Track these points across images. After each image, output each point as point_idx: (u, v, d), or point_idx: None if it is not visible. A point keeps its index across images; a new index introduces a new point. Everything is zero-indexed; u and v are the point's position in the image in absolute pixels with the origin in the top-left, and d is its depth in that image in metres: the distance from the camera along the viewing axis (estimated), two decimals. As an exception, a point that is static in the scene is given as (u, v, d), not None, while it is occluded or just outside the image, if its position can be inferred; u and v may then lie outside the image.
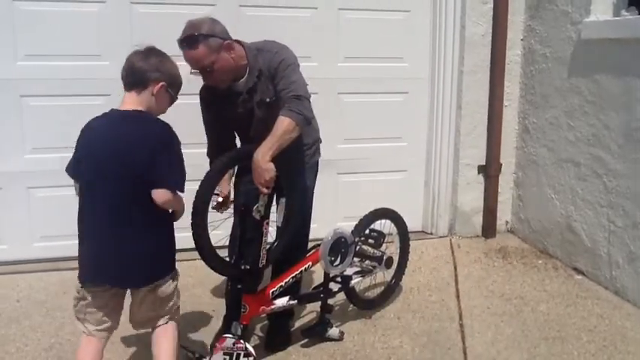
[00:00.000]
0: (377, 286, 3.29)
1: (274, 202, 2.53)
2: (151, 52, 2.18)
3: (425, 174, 4.41)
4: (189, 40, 2.37)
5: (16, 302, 3.29)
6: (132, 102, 2.19)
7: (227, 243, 2.62)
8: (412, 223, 4.22)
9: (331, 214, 3.96)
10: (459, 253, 4.09)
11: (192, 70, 2.43)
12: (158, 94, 2.16)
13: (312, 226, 2.92)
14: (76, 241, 3.72)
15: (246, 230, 2.42)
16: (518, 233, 4.38)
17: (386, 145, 4.29)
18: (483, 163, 4.30)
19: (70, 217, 3.72)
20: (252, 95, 2.54)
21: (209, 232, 2.27)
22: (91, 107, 3.65)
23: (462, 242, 4.28)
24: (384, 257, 3.02)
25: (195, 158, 2.53)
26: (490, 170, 4.29)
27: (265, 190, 2.32)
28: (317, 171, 2.85)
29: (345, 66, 4.05)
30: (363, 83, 4.11)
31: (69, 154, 3.67)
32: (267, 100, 2.53)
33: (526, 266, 3.87)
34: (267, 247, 2.48)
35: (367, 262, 3.00)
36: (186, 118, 2.61)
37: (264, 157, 2.28)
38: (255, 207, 2.37)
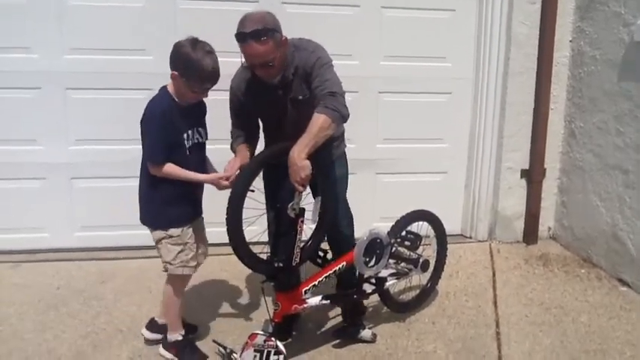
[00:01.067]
0: (412, 289, 3.24)
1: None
2: (182, 42, 2.41)
3: (465, 176, 4.32)
4: (258, 33, 2.33)
5: (56, 289, 3.36)
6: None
7: (262, 239, 2.61)
8: (451, 226, 4.16)
9: (368, 214, 3.90)
10: (498, 258, 3.99)
11: (246, 63, 2.43)
12: (173, 80, 2.45)
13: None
14: (115, 232, 3.84)
15: (281, 227, 2.40)
16: (561, 240, 4.25)
17: (426, 145, 4.22)
18: (526, 167, 4.18)
19: (110, 207, 3.84)
20: (287, 92, 2.53)
21: (243, 227, 2.26)
22: (133, 101, 3.70)
23: (501, 247, 4.17)
24: (421, 260, 2.96)
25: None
26: (533, 175, 4.17)
27: (301, 188, 2.30)
28: (346, 160, 2.81)
29: (387, 65, 4.00)
30: (405, 83, 4.05)
31: (111, 147, 3.79)
32: (300, 97, 2.52)
33: (568, 275, 3.74)
34: (302, 245, 2.45)
35: (403, 264, 2.94)
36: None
37: (300, 155, 2.25)
38: (290, 205, 2.35)
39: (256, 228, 2.49)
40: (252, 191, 2.31)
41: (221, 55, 3.64)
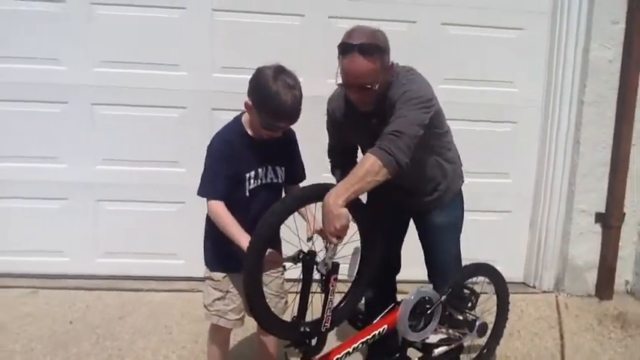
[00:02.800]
0: (465, 353, 2.78)
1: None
2: (265, 68, 2.10)
3: (531, 217, 3.81)
4: (368, 48, 2.04)
5: (69, 324, 3.08)
6: None
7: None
8: (512, 273, 3.71)
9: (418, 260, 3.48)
10: (567, 316, 3.47)
11: (341, 82, 2.13)
12: (247, 109, 2.15)
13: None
14: (140, 260, 3.55)
15: (309, 284, 2.00)
16: (641, 297, 3.70)
17: (488, 180, 3.74)
18: (602, 210, 3.65)
19: (137, 233, 3.55)
20: (382, 123, 2.16)
21: (263, 285, 1.89)
22: (165, 120, 3.46)
23: (570, 302, 3.65)
24: (477, 323, 2.51)
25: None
26: (611, 220, 3.64)
27: (335, 240, 1.90)
28: (462, 200, 2.54)
29: (446, 88, 3.49)
30: (465, 109, 3.59)
31: (141, 168, 3.50)
32: None
33: (652, 342, 3.20)
34: (333, 306, 2.05)
35: (456, 327, 2.50)
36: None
37: (336, 201, 1.86)
38: (322, 259, 1.95)
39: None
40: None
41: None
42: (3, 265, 3.50)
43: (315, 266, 1.97)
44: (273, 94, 2.02)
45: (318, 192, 1.92)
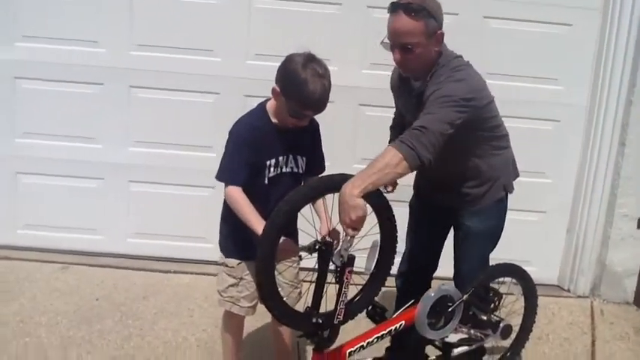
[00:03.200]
0: (487, 354, 2.70)
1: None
2: (295, 55, 2.08)
3: (569, 219, 3.67)
4: (411, 7, 2.04)
5: (95, 301, 3.14)
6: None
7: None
8: (546, 275, 3.62)
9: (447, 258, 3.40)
10: (601, 322, 3.33)
11: (385, 41, 2.12)
12: (274, 96, 2.12)
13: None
14: (168, 242, 3.59)
15: (325, 275, 1.97)
16: (683, 308, 3.52)
17: (525, 179, 3.51)
18: (646, 215, 3.49)
19: (167, 215, 3.59)
20: (419, 105, 2.15)
21: (275, 275, 1.86)
22: (199, 105, 3.48)
23: (606, 308, 3.50)
24: (501, 325, 2.43)
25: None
26: (654, 226, 3.47)
27: (351, 232, 1.86)
28: (502, 213, 2.45)
29: (487, 83, 3.44)
30: (506, 105, 3.42)
31: (173, 151, 3.53)
32: None
33: (690, 356, 3.05)
34: (347, 299, 2.01)
35: (478, 328, 2.42)
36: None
37: (352, 191, 1.82)
38: (337, 250, 1.92)
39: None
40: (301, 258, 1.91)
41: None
42: (38, 240, 3.59)
43: (330, 258, 1.93)
44: (301, 82, 2.00)
45: (335, 182, 1.88)
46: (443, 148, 2.00)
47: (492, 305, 2.40)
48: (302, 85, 1.99)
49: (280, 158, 2.17)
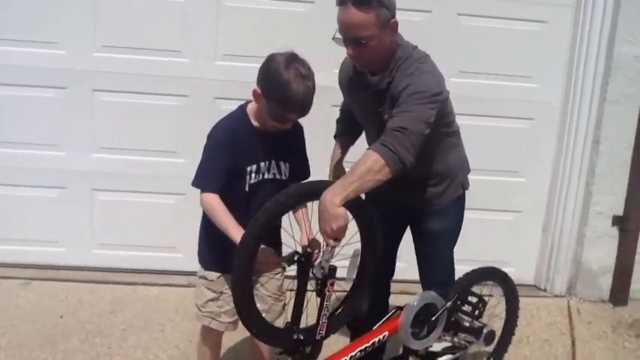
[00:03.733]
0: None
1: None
2: (277, 55, 1.98)
3: (544, 218, 3.65)
4: (361, 0, 1.91)
5: (59, 319, 2.98)
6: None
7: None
8: (522, 275, 3.57)
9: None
10: (579, 322, 3.32)
11: (337, 36, 2.00)
12: (254, 98, 2.01)
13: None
14: (135, 252, 3.44)
15: (304, 288, 1.87)
16: (658, 304, 3.53)
17: (498, 179, 3.57)
18: (620, 213, 3.48)
19: (133, 224, 3.44)
20: (378, 101, 2.07)
21: (257, 288, 1.77)
22: (167, 108, 3.33)
23: (582, 307, 3.49)
24: (484, 331, 2.37)
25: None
26: (628, 223, 3.47)
27: (332, 242, 1.77)
28: (460, 210, 2.39)
29: (460, 82, 3.35)
30: (479, 103, 3.43)
31: (139, 158, 3.38)
32: (385, 117, 2.04)
33: (669, 353, 3.05)
34: (329, 313, 1.92)
35: (461, 335, 2.36)
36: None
37: (333, 200, 1.73)
38: (318, 262, 1.82)
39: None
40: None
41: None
42: (-2, 255, 3.40)
43: (310, 269, 1.84)
44: (284, 83, 1.90)
45: (315, 190, 1.79)
46: None
47: (477, 312, 2.33)
48: (284, 85, 1.89)
49: (262, 164, 2.06)
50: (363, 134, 2.44)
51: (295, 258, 1.87)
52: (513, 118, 3.51)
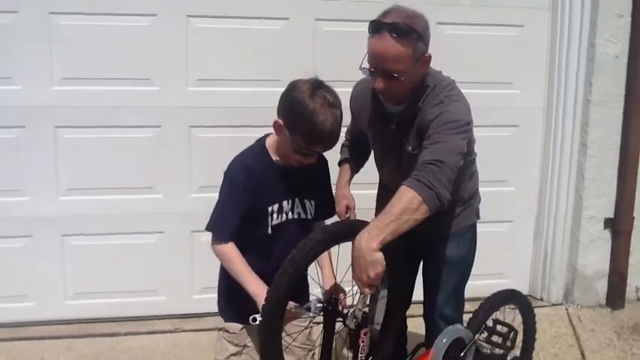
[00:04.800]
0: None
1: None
2: (300, 82, 1.79)
3: (535, 226, 3.58)
4: (399, 29, 1.75)
5: (37, 384, 2.68)
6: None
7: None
8: (517, 285, 3.40)
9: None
10: (583, 331, 3.24)
11: (364, 66, 1.85)
12: (276, 130, 1.82)
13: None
14: (115, 299, 3.16)
15: (331, 339, 1.69)
16: (654, 304, 3.50)
17: (487, 189, 3.39)
18: (611, 215, 3.44)
19: (111, 270, 3.16)
20: (402, 132, 1.93)
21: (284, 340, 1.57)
22: (137, 141, 3.06)
23: (582, 314, 3.43)
24: (508, 357, 2.24)
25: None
26: (620, 225, 3.43)
27: (367, 291, 1.59)
28: (475, 234, 2.25)
29: (443, 93, 3.29)
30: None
31: (109, 196, 3.11)
32: (410, 149, 1.92)
33: (676, 355, 3.00)
34: (365, 363, 1.74)
35: (488, 365, 2.22)
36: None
37: (369, 245, 1.55)
38: (351, 311, 1.64)
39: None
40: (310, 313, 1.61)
41: (239, 85, 3.05)
42: (-42, 316, 3.06)
43: (342, 319, 1.66)
44: (309, 113, 1.71)
45: (347, 232, 1.61)
46: None
47: (508, 342, 2.20)
48: (310, 116, 1.70)
49: (284, 203, 1.87)
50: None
51: (319, 306, 1.67)
52: (498, 126, 3.43)
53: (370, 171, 2.34)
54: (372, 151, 2.25)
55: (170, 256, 3.16)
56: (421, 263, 2.30)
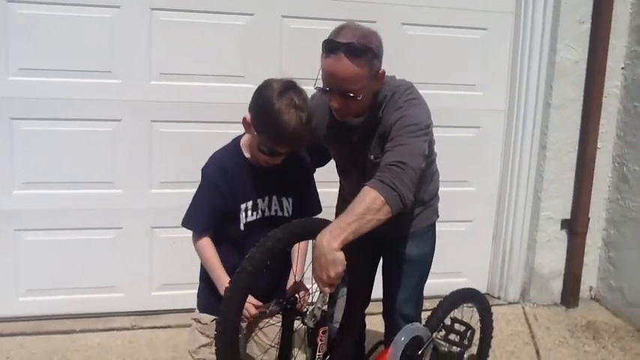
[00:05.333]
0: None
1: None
2: (273, 81, 1.79)
3: (494, 226, 3.64)
4: (356, 49, 1.73)
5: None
6: None
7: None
8: (476, 284, 3.46)
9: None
10: (539, 329, 3.31)
11: (319, 86, 1.82)
12: (244, 126, 1.84)
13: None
14: (69, 296, 3.09)
15: (290, 339, 1.68)
16: (607, 304, 3.59)
17: (448, 189, 3.42)
18: (568, 216, 3.52)
19: (67, 265, 3.08)
20: (364, 143, 1.93)
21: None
22: (96, 134, 2.99)
23: (538, 312, 3.50)
24: (465, 356, 2.27)
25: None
26: (577, 226, 3.51)
27: (326, 290, 1.59)
28: (434, 233, 2.26)
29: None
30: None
31: (66, 191, 3.04)
32: (372, 157, 1.93)
33: (626, 353, 3.09)
34: (324, 361, 1.74)
35: (445, 363, 2.25)
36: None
37: (331, 244, 1.55)
38: (311, 310, 1.64)
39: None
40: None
41: (202, 80, 3.01)
42: None
43: (301, 317, 1.65)
44: (274, 112, 1.70)
45: (308, 230, 1.60)
46: None
47: (466, 341, 2.22)
48: (275, 115, 1.70)
49: (259, 200, 1.87)
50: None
51: (282, 305, 1.67)
52: (460, 127, 3.46)
53: (333, 169, 2.33)
54: (335, 163, 2.23)
55: (129, 252, 3.10)
56: (381, 262, 2.32)
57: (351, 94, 1.79)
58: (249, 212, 1.86)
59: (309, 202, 2.00)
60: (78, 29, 2.87)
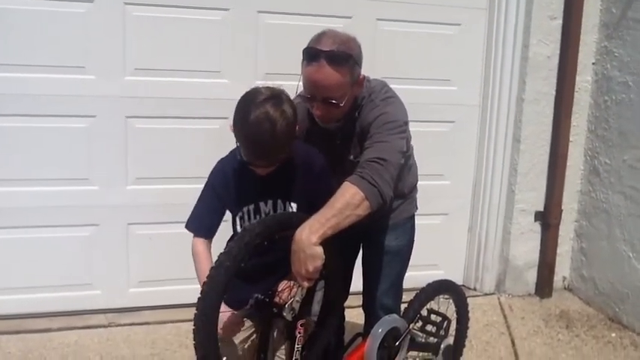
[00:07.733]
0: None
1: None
2: (258, 89, 1.73)
3: (470, 219, 3.69)
4: (337, 57, 1.75)
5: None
6: None
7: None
8: (452, 276, 3.50)
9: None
10: (513, 319, 3.38)
11: (301, 94, 1.83)
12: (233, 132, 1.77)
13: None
14: (46, 294, 3.06)
15: (270, 332, 1.69)
16: (579, 293, 3.67)
17: (424, 183, 3.47)
18: (541, 209, 3.59)
19: (41, 263, 3.04)
20: (345, 144, 1.95)
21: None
22: (70, 131, 2.96)
23: (513, 303, 3.57)
24: (442, 346, 2.30)
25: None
26: (550, 218, 3.58)
27: (305, 284, 1.60)
28: (413, 225, 2.29)
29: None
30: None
31: (39, 188, 2.97)
32: (352, 157, 1.94)
33: (598, 341, 3.17)
34: (300, 355, 1.75)
35: (422, 354, 2.28)
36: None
37: (309, 239, 1.56)
38: (288, 303, 1.65)
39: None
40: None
41: (178, 75, 3.00)
42: None
43: (278, 310, 1.66)
44: (243, 119, 1.66)
45: (286, 223, 1.61)
46: None
47: (442, 331, 2.26)
48: (242, 122, 1.67)
49: (262, 204, 1.85)
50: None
51: (260, 301, 1.68)
52: (434, 121, 3.50)
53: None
54: None
55: (105, 249, 3.08)
56: (360, 254, 2.34)
57: (334, 101, 1.81)
58: (244, 216, 1.86)
59: (311, 209, 1.89)
60: (51, 24, 2.83)
